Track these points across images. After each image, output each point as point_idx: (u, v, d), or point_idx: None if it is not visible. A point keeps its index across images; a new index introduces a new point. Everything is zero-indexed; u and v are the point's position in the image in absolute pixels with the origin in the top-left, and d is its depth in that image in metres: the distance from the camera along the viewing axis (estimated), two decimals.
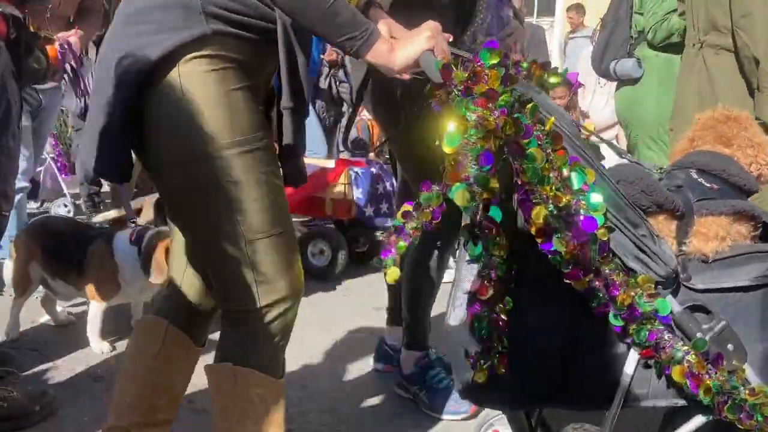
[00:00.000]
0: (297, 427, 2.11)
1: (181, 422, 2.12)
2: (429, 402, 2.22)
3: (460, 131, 1.06)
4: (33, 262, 2.70)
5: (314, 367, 2.58)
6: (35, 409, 2.07)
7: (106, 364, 2.57)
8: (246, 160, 1.29)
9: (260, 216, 1.30)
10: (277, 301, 1.35)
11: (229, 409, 1.39)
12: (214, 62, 1.28)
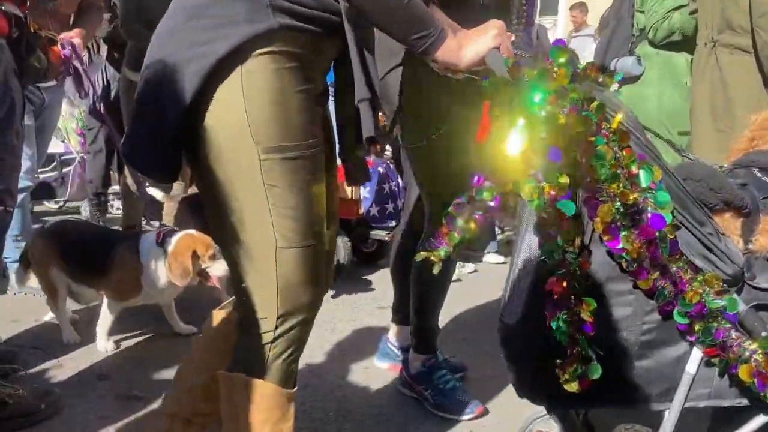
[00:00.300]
0: (302, 426, 2.10)
1: None
2: (435, 401, 2.22)
3: (528, 128, 1.07)
4: (53, 268, 2.69)
5: (319, 366, 2.58)
6: (41, 408, 2.07)
7: (111, 362, 2.57)
8: (291, 167, 1.26)
9: (294, 225, 1.28)
10: (294, 312, 1.33)
11: (240, 417, 1.37)
12: (279, 60, 1.25)
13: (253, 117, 1.23)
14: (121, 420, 2.11)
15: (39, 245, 2.75)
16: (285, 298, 1.30)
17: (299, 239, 1.29)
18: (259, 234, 1.27)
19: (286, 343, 1.34)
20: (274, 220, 1.26)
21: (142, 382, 2.39)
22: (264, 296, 1.31)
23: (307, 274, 1.31)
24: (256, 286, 1.32)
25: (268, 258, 1.28)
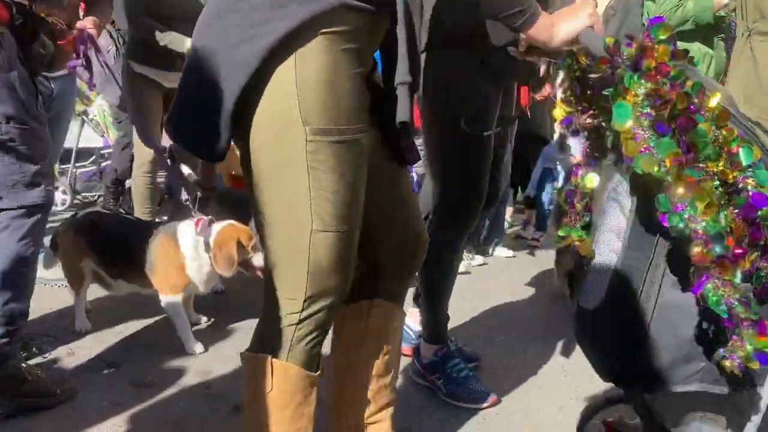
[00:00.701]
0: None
1: (198, 409, 2.13)
2: (448, 390, 2.21)
3: (630, 105, 1.09)
4: (85, 260, 2.68)
5: None
6: (56, 392, 2.10)
7: (123, 350, 2.57)
8: (336, 151, 1.25)
9: (332, 209, 1.27)
10: (322, 296, 1.32)
11: (262, 399, 1.36)
12: (336, 41, 1.23)
13: (305, 97, 1.22)
14: (133, 406, 2.11)
15: (69, 235, 2.72)
16: (314, 281, 1.29)
17: (336, 224, 1.28)
18: (297, 215, 1.27)
19: (311, 325, 1.34)
20: (313, 203, 1.25)
21: (154, 369, 2.40)
22: (293, 277, 1.30)
23: (338, 259, 1.31)
24: (287, 267, 1.31)
25: (302, 239, 1.27)
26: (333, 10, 1.21)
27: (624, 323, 1.34)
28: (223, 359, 2.51)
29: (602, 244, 1.40)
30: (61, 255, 2.77)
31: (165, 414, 2.08)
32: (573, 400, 2.23)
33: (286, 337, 1.33)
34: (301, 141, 1.23)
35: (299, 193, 1.25)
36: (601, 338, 1.41)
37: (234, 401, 2.16)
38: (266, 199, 1.29)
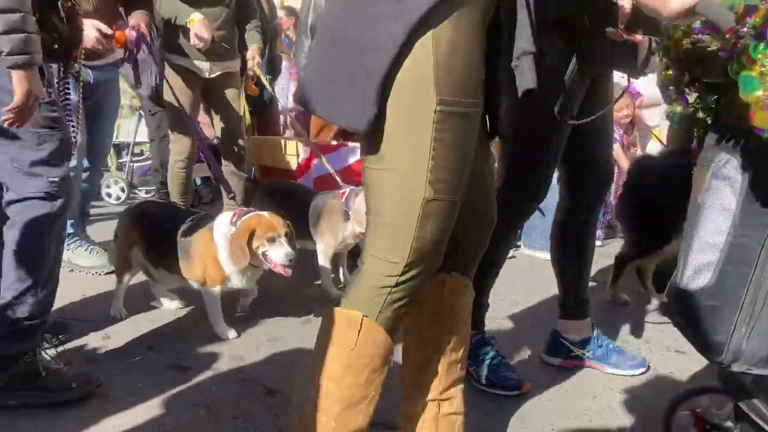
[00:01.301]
0: None
1: (231, 392, 2.15)
2: (479, 376, 2.19)
3: (757, 77, 1.08)
4: (135, 248, 2.71)
5: None
6: (72, 386, 2.05)
7: (158, 336, 2.60)
8: (458, 122, 1.30)
9: (446, 179, 1.31)
10: (421, 263, 1.35)
11: (341, 355, 1.38)
12: (468, 16, 1.29)
13: (440, 70, 1.27)
14: (168, 389, 2.13)
15: (123, 224, 2.77)
16: (417, 247, 1.33)
17: (447, 194, 1.33)
18: (413, 181, 1.31)
19: (404, 291, 1.37)
20: (430, 171, 1.30)
21: (188, 354, 2.42)
22: (399, 242, 1.34)
23: (442, 228, 1.35)
24: (394, 231, 1.34)
25: (413, 205, 1.31)
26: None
27: (734, 303, 1.35)
28: (255, 346, 2.52)
29: (706, 223, 1.39)
30: (116, 242, 2.80)
31: (199, 397, 2.09)
32: (608, 389, 2.21)
33: (380, 298, 1.36)
34: (430, 112, 1.28)
35: (420, 162, 1.30)
36: (708, 318, 1.40)
37: (267, 385, 2.18)
38: (386, 164, 1.33)
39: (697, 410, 1.71)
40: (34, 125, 1.92)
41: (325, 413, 1.39)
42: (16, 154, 1.94)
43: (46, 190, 1.98)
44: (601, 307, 3.00)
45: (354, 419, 1.39)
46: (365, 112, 1.28)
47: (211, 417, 1.96)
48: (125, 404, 2.03)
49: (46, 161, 1.97)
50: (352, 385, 1.38)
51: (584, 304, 2.37)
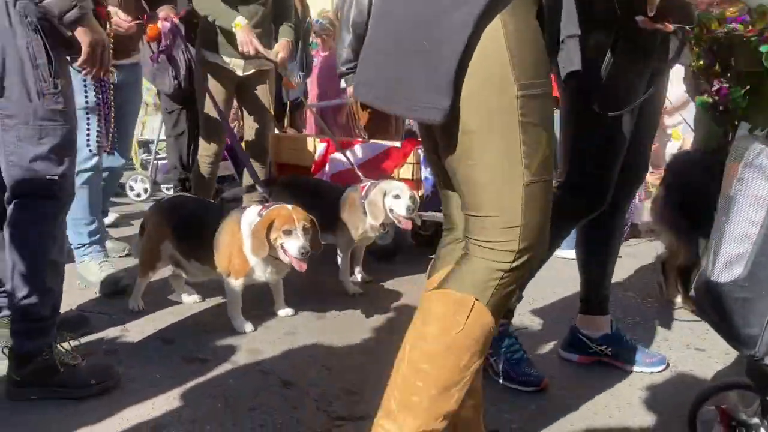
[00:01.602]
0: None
1: (249, 384, 2.15)
2: (498, 369, 2.17)
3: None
4: (165, 242, 2.71)
5: (381, 347, 2.58)
6: (90, 383, 2.03)
7: (175, 328, 2.62)
8: (539, 103, 1.31)
9: (540, 160, 1.32)
10: (531, 248, 1.35)
11: (444, 338, 1.37)
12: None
13: (514, 55, 1.27)
14: (186, 381, 2.14)
15: (154, 218, 2.77)
16: (526, 233, 1.34)
17: (542, 174, 1.33)
18: (510, 169, 1.31)
19: (514, 277, 1.37)
20: (524, 155, 1.30)
21: (205, 346, 2.43)
22: (507, 231, 1.34)
23: (546, 208, 1.37)
24: (500, 221, 1.34)
25: (516, 191, 1.32)
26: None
27: None
28: (272, 339, 2.53)
29: (739, 214, 1.38)
30: (144, 237, 2.81)
31: (216, 388, 2.10)
32: (627, 386, 2.18)
33: (492, 282, 1.36)
34: (512, 97, 1.28)
35: (511, 148, 1.30)
36: (740, 310, 1.39)
37: (283, 378, 2.18)
38: (475, 158, 1.33)
39: (723, 406, 1.69)
40: (35, 117, 1.87)
41: (418, 394, 1.37)
42: (14, 148, 1.88)
43: (45, 188, 1.92)
44: (621, 304, 2.97)
45: (447, 402, 1.38)
46: (439, 105, 1.27)
47: (229, 409, 1.97)
48: (144, 395, 2.04)
49: (46, 157, 1.91)
50: (452, 367, 1.36)
51: (605, 301, 2.35)
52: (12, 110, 1.87)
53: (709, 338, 2.61)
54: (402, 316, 2.84)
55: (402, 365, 1.42)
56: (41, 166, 1.90)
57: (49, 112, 1.90)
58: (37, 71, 1.87)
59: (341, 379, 2.20)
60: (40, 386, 1.99)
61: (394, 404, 1.40)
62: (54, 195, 1.95)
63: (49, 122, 1.90)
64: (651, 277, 3.32)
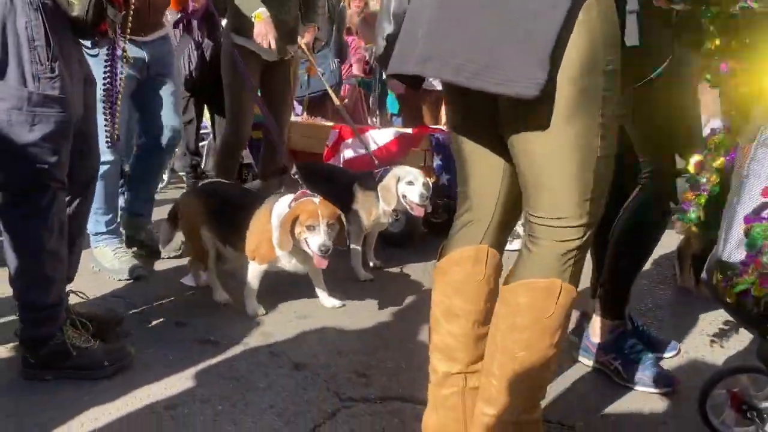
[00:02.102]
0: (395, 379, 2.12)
1: (261, 366, 2.17)
2: (624, 372, 2.07)
3: None
4: (203, 227, 2.71)
5: (391, 331, 2.59)
6: (104, 365, 2.04)
7: (188, 310, 2.64)
8: (614, 79, 1.35)
9: (611, 134, 1.36)
10: (594, 222, 1.40)
11: (537, 325, 1.41)
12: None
13: (604, 31, 1.31)
14: (198, 362, 2.16)
15: (190, 205, 2.76)
16: (592, 207, 1.38)
17: (611, 147, 1.38)
18: (588, 142, 1.34)
19: (584, 250, 1.42)
20: (600, 129, 1.34)
21: (218, 329, 2.45)
22: (576, 203, 1.37)
23: (607, 182, 1.40)
24: (572, 193, 1.37)
25: (588, 166, 1.35)
26: None
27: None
28: (283, 323, 2.55)
29: (751, 193, 1.38)
30: (182, 224, 2.80)
31: (229, 370, 2.12)
32: None
33: (569, 261, 1.40)
34: (600, 72, 1.32)
35: (593, 123, 1.33)
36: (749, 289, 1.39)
37: (295, 360, 2.20)
38: (559, 130, 1.34)
39: (735, 390, 1.69)
40: (29, 102, 1.79)
41: (517, 378, 1.43)
42: (5, 134, 1.80)
43: (35, 177, 1.85)
44: (633, 291, 2.95)
45: (545, 378, 1.48)
46: (536, 78, 1.26)
47: (241, 389, 1.99)
48: (157, 375, 2.06)
49: (37, 144, 1.82)
50: (547, 347, 1.42)
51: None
52: (4, 93, 1.79)
53: (720, 324, 2.60)
54: (412, 302, 2.85)
55: (496, 355, 1.46)
56: (32, 154, 1.82)
57: (44, 98, 1.81)
58: (33, 53, 1.79)
59: (352, 361, 2.21)
60: (55, 369, 2.01)
61: (494, 391, 1.46)
62: (45, 185, 1.88)
63: (43, 108, 1.82)
64: (665, 265, 3.30)
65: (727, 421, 1.72)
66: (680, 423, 1.85)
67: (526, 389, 1.45)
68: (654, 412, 1.93)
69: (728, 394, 1.70)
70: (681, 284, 3.08)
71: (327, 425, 1.79)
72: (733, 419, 1.71)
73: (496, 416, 1.45)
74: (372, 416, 1.85)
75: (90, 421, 1.79)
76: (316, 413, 1.85)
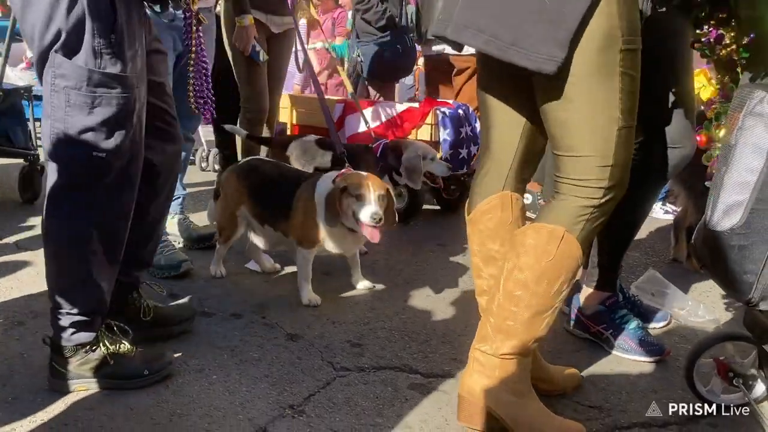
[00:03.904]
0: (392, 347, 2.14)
1: (254, 336, 2.18)
2: (614, 341, 2.10)
3: None
4: (242, 207, 2.63)
5: (385, 302, 2.60)
6: (143, 373, 1.82)
7: (182, 283, 2.64)
8: (634, 56, 1.46)
9: (631, 107, 1.47)
10: (616, 186, 1.51)
11: (537, 266, 1.53)
12: None
13: (622, 13, 1.41)
14: (192, 333, 2.17)
15: (232, 181, 2.67)
16: (614, 172, 1.49)
17: (631, 119, 1.49)
18: (609, 114, 1.46)
19: (602, 212, 1.53)
20: (620, 102, 1.45)
21: (211, 300, 2.46)
22: (600, 169, 1.49)
23: (630, 151, 1.52)
24: (594, 161, 1.49)
25: (610, 135, 1.47)
26: None
27: (764, 242, 1.40)
28: (276, 294, 2.57)
29: (738, 162, 1.43)
30: (221, 200, 2.72)
31: (222, 340, 2.13)
32: None
33: (583, 217, 1.52)
34: (617, 51, 1.42)
35: (612, 96, 1.45)
36: (737, 257, 1.44)
37: (289, 330, 2.21)
38: (576, 104, 1.47)
39: (721, 358, 1.71)
40: (89, 82, 1.59)
41: (513, 318, 1.55)
42: (63, 114, 1.60)
43: (91, 165, 1.64)
44: (626, 262, 2.97)
45: (538, 327, 1.56)
46: (556, 57, 1.39)
47: (235, 359, 2.00)
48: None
49: (96, 129, 1.62)
50: (544, 293, 1.53)
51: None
52: (66, 70, 1.58)
53: (711, 295, 2.63)
54: (406, 274, 2.86)
55: (498, 295, 1.59)
56: (90, 138, 1.62)
57: (105, 77, 1.60)
58: (96, 24, 1.57)
59: (346, 331, 2.23)
60: (89, 378, 1.79)
61: (490, 329, 1.59)
62: (102, 174, 1.66)
63: (105, 89, 1.60)
64: (657, 237, 3.33)
65: (714, 388, 1.75)
66: (669, 391, 1.88)
67: (517, 334, 1.55)
68: (644, 381, 1.96)
69: (715, 362, 1.72)
70: (674, 256, 3.10)
71: (321, 394, 1.81)
72: (720, 387, 1.74)
73: (484, 351, 1.59)
74: (366, 385, 1.87)
75: (83, 390, 1.79)
76: (310, 382, 1.87)
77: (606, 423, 1.71)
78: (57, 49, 1.58)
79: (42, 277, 1.80)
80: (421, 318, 2.38)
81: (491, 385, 1.58)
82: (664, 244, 3.25)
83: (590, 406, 1.79)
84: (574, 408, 1.77)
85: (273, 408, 1.73)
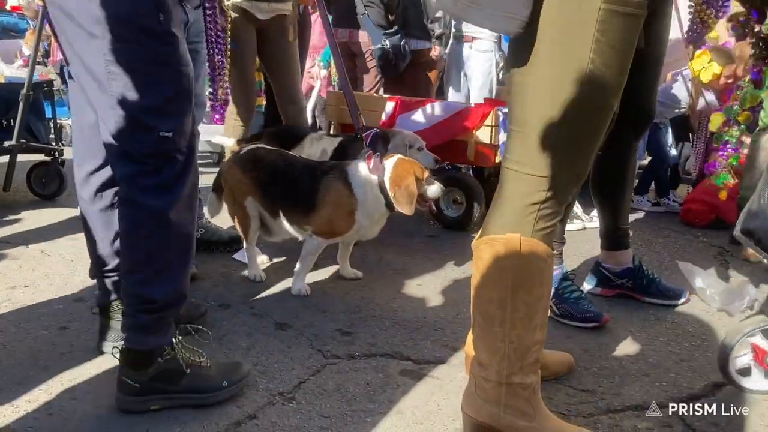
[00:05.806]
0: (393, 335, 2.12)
1: (243, 326, 2.15)
2: (559, 310, 2.20)
3: None
4: (249, 198, 2.53)
5: (373, 290, 2.59)
6: (222, 386, 1.67)
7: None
8: (621, 23, 1.23)
9: (604, 83, 1.26)
10: (562, 176, 1.34)
11: (505, 281, 1.36)
12: None
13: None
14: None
15: (234, 173, 2.54)
16: (564, 158, 1.30)
17: (603, 99, 1.27)
18: (569, 86, 1.24)
19: (553, 205, 1.35)
20: (588, 74, 1.23)
21: (198, 291, 2.42)
22: (545, 151, 1.29)
23: (597, 135, 1.31)
24: (543, 138, 1.28)
25: (565, 110, 1.25)
26: None
27: None
28: (265, 284, 2.54)
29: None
30: (226, 195, 2.61)
31: (211, 330, 2.07)
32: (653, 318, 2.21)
33: (530, 216, 1.34)
34: (594, 9, 1.20)
35: (576, 65, 1.23)
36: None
37: (277, 320, 2.19)
38: (538, 67, 1.27)
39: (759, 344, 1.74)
40: (145, 62, 1.52)
41: (501, 339, 1.38)
42: (121, 99, 1.52)
43: (156, 147, 1.55)
44: (642, 238, 3.00)
45: (533, 335, 1.39)
46: (519, 15, 1.21)
47: (224, 348, 1.97)
48: None
49: (157, 108, 1.54)
50: (523, 304, 1.35)
51: (624, 236, 2.40)
52: (120, 55, 1.50)
53: (736, 273, 2.66)
54: (394, 262, 2.85)
55: (476, 315, 1.42)
56: (151, 120, 1.54)
57: (159, 56, 1.53)
58: (143, 3, 1.50)
59: (335, 320, 2.20)
60: (164, 393, 1.62)
61: (484, 355, 1.42)
62: (169, 155, 1.57)
63: (159, 66, 1.54)
64: (666, 220, 3.36)
65: (751, 374, 1.77)
66: (661, 374, 1.88)
67: (513, 352, 1.38)
68: (636, 365, 1.95)
69: (753, 348, 1.75)
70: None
71: (312, 381, 1.78)
72: (760, 373, 1.76)
73: (487, 378, 1.42)
74: (356, 372, 1.84)
75: (68, 381, 1.75)
76: (300, 370, 1.84)
77: (599, 406, 1.70)
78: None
79: (23, 269, 1.76)
80: (411, 306, 2.36)
81: (502, 414, 1.42)
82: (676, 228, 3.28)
83: (583, 390, 1.78)
84: (567, 392, 1.76)
85: (262, 395, 1.70)
